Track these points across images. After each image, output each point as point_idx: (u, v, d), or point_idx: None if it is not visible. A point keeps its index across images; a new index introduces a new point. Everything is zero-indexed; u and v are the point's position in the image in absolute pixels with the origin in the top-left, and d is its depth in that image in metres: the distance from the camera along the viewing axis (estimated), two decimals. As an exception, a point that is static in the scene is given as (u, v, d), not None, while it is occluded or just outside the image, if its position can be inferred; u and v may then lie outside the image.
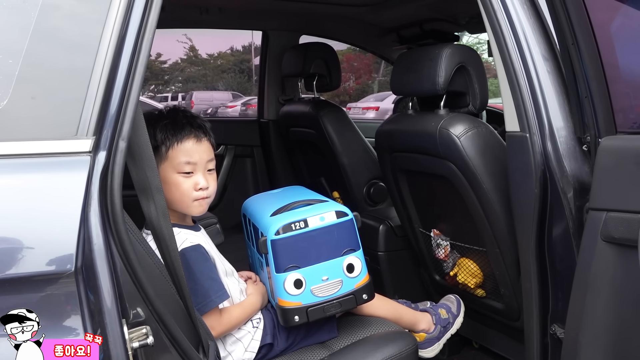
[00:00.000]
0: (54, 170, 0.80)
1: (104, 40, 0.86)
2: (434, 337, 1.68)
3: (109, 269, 0.80)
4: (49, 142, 0.80)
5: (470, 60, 1.67)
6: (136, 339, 0.84)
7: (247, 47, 17.20)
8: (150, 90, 16.66)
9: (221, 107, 13.22)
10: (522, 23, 1.33)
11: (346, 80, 14.36)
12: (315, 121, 2.33)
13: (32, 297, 0.76)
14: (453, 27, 2.56)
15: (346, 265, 1.36)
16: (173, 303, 1.05)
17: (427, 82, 1.64)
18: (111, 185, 0.84)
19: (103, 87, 0.85)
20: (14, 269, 0.74)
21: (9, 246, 0.76)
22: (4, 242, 0.76)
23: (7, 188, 0.78)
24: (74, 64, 0.85)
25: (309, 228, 1.33)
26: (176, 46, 15.90)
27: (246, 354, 1.40)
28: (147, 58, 0.91)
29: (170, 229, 1.00)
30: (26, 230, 0.76)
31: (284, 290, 1.32)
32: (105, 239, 0.80)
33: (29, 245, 0.76)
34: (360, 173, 2.36)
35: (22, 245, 0.76)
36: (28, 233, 0.76)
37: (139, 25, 0.90)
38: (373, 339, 1.45)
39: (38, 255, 0.75)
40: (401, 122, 1.93)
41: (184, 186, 1.32)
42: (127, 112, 0.87)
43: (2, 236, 0.76)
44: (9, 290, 0.75)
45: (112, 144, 0.85)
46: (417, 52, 1.78)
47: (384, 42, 2.84)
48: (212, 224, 1.79)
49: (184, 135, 1.32)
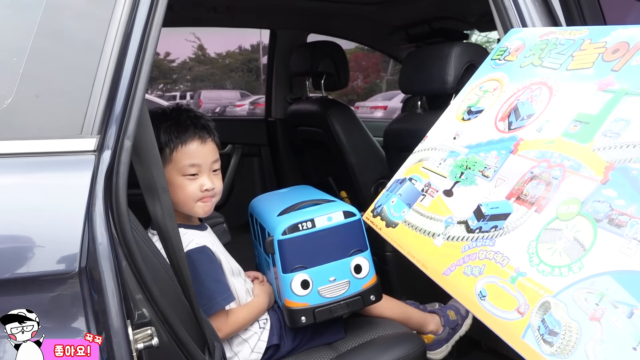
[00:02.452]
0: (58, 170, 0.79)
1: (109, 38, 0.85)
2: (443, 339, 1.67)
3: (114, 269, 0.79)
4: (53, 141, 0.79)
5: (480, 59, 1.63)
6: (141, 340, 0.83)
7: (256, 46, 17.20)
8: (159, 89, 16.71)
9: (229, 106, 13.23)
10: (533, 21, 1.30)
11: (354, 79, 14.33)
12: (323, 120, 2.31)
13: (35, 298, 0.75)
14: (462, 25, 2.54)
15: (354, 266, 1.35)
16: (179, 304, 1.04)
17: (436, 81, 1.62)
18: (116, 185, 0.83)
19: (108, 85, 0.84)
20: (17, 269, 0.74)
21: (13, 246, 0.75)
22: (7, 241, 0.75)
23: (11, 187, 0.77)
24: (79, 62, 0.84)
25: (316, 228, 1.32)
26: (185, 45, 15.93)
27: (252, 354, 1.39)
28: (153, 56, 0.90)
29: (175, 228, 0.99)
30: (30, 230, 0.76)
31: (290, 291, 1.31)
32: (109, 239, 0.79)
33: (33, 245, 0.75)
34: (368, 172, 2.34)
35: (25, 245, 0.75)
36: (31, 233, 0.76)
37: (144, 23, 0.89)
38: (380, 341, 1.44)
39: (41, 255, 0.75)
40: (410, 121, 1.91)
41: (189, 189, 1.31)
42: (132, 111, 0.86)
43: (6, 236, 0.75)
44: (12, 291, 0.74)
45: (117, 143, 0.84)
46: (426, 51, 1.76)
47: (392, 40, 2.81)
48: (218, 224, 1.78)
49: (187, 137, 1.30)
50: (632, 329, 0.53)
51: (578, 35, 0.86)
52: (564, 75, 0.83)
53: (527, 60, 0.93)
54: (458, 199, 0.87)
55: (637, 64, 0.72)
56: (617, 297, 0.56)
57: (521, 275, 0.68)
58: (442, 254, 0.84)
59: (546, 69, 0.87)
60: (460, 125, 0.98)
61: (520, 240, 0.71)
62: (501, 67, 0.99)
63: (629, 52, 0.74)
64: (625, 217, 0.60)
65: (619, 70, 0.74)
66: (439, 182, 0.93)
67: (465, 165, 0.89)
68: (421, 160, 1.03)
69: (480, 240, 0.78)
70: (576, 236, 0.64)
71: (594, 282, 0.59)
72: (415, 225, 0.93)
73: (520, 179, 0.77)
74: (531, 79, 0.89)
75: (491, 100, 0.95)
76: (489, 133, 0.90)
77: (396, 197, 1.01)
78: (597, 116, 0.72)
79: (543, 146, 0.77)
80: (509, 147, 0.83)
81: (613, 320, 0.55)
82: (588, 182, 0.66)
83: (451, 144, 0.97)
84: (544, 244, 0.68)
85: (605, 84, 0.75)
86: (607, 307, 0.56)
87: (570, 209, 0.67)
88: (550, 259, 0.66)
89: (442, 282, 0.83)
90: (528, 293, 0.66)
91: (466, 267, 0.78)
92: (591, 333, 0.56)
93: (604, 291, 0.57)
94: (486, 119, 0.93)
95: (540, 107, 0.83)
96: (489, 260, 0.74)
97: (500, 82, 0.97)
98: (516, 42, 1.00)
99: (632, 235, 0.58)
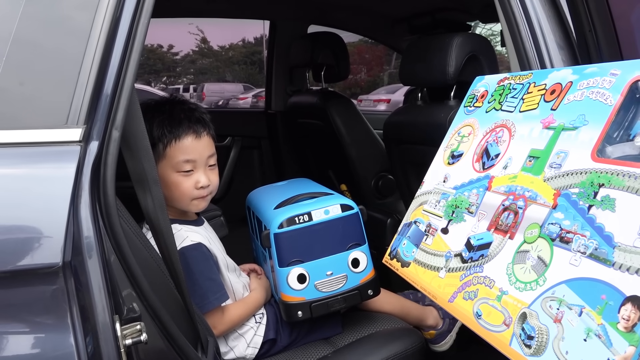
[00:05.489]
0: (41, 161, 0.77)
1: (96, 23, 0.82)
2: (445, 331, 1.65)
3: (100, 262, 0.77)
4: (37, 131, 0.77)
5: (482, 50, 1.62)
6: (129, 336, 0.80)
7: (259, 39, 17.15)
8: (162, 82, 16.69)
9: (232, 99, 13.20)
10: (536, 10, 1.27)
11: (358, 72, 14.27)
12: (323, 112, 2.29)
13: (18, 292, 0.73)
14: (465, 16, 2.50)
15: (351, 260, 1.33)
16: (171, 298, 1.02)
17: (436, 72, 1.59)
18: (104, 177, 0.81)
19: (95, 73, 0.81)
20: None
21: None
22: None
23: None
24: (65, 48, 0.81)
25: (313, 221, 1.30)
26: (188, 38, 15.89)
27: (248, 349, 1.37)
28: (143, 44, 0.87)
29: (167, 221, 0.96)
30: (11, 223, 0.73)
31: (287, 285, 1.29)
32: (96, 232, 0.77)
33: (14, 238, 0.73)
34: (368, 165, 2.31)
35: (6, 238, 0.73)
36: (13, 226, 0.73)
37: (134, 8, 0.86)
38: (378, 336, 1.42)
39: (24, 248, 0.72)
40: (410, 113, 1.88)
41: (184, 185, 1.27)
42: (121, 101, 0.84)
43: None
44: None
45: (105, 134, 0.81)
46: (427, 41, 1.73)
47: (395, 32, 2.78)
48: (216, 217, 1.76)
49: (181, 131, 1.26)
50: (582, 324, 0.66)
51: (525, 80, 1.01)
52: (517, 117, 0.97)
53: (490, 106, 1.08)
54: (453, 235, 1.00)
55: (569, 102, 0.85)
56: (571, 301, 0.68)
57: (504, 294, 0.81)
58: (446, 284, 0.96)
59: (505, 112, 1.02)
60: (447, 169, 1.12)
61: (500, 264, 0.84)
62: (472, 113, 1.14)
63: (562, 92, 0.88)
64: (570, 235, 0.73)
65: (557, 109, 0.87)
66: (437, 222, 1.07)
67: (455, 205, 1.03)
68: (421, 204, 1.16)
69: (472, 269, 0.90)
70: (539, 255, 0.77)
71: (554, 291, 0.72)
72: (423, 262, 1.06)
73: (495, 212, 0.90)
74: (495, 122, 1.04)
75: (467, 144, 1.10)
76: (468, 174, 1.04)
77: (406, 239, 1.16)
78: (544, 151, 0.86)
79: (508, 181, 0.91)
80: (485, 185, 0.97)
81: (569, 320, 0.68)
82: (543, 209, 0.80)
83: (442, 187, 1.11)
84: (517, 264, 0.81)
85: (547, 122, 0.88)
86: (565, 310, 0.69)
87: (533, 232, 0.80)
88: (523, 276, 0.79)
89: (449, 309, 0.93)
90: (510, 307, 0.79)
91: (464, 293, 0.90)
92: (555, 333, 0.69)
93: (561, 297, 0.70)
94: (466, 161, 1.07)
95: (504, 147, 0.97)
96: (480, 284, 0.87)
97: (472, 127, 1.11)
98: (481, 89, 1.15)
99: (577, 249, 0.71)
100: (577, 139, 0.80)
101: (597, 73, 0.83)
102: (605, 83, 0.80)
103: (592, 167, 0.74)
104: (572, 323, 0.67)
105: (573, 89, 0.86)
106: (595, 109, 0.79)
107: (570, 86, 0.87)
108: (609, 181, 0.70)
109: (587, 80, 0.84)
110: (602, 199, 0.70)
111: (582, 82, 0.85)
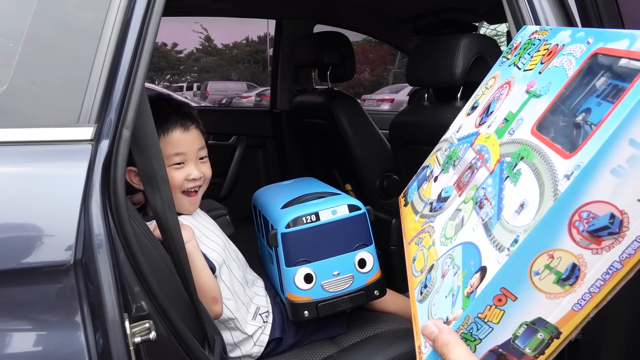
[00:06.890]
0: (53, 159, 0.77)
1: (107, 24, 0.83)
2: None
3: (111, 261, 0.77)
4: (49, 130, 0.77)
5: (489, 51, 1.62)
6: (138, 334, 0.81)
7: (263, 38, 17.16)
8: (166, 80, 16.71)
9: (236, 97, 13.22)
10: (545, 12, 1.27)
11: (361, 71, 14.26)
12: (328, 112, 2.29)
13: (29, 290, 0.73)
14: (471, 17, 2.50)
15: (358, 260, 1.33)
16: (178, 296, 1.03)
17: (443, 73, 1.59)
18: (114, 175, 0.81)
19: (106, 73, 0.81)
20: (9, 261, 0.72)
21: (5, 237, 0.73)
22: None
23: (4, 176, 0.75)
24: (77, 48, 0.82)
25: (320, 222, 1.30)
26: (192, 36, 15.92)
27: (255, 347, 1.37)
28: (153, 44, 0.88)
29: (175, 220, 0.97)
30: (23, 221, 0.74)
31: (293, 285, 1.29)
32: (106, 231, 0.77)
33: (26, 236, 0.73)
34: (373, 165, 2.32)
35: (18, 236, 0.73)
36: (25, 224, 0.74)
37: (145, 9, 0.86)
38: (384, 336, 1.42)
39: (35, 246, 0.73)
40: (416, 113, 1.88)
41: (175, 178, 1.29)
42: (131, 100, 0.84)
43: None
44: (5, 283, 0.73)
45: (116, 133, 0.82)
46: (434, 42, 1.73)
47: (400, 32, 2.78)
48: (221, 215, 1.77)
49: (169, 125, 1.29)
50: (451, 283, 0.69)
51: (543, 36, 0.93)
52: (519, 76, 0.92)
53: (513, 60, 1.01)
54: (437, 184, 1.01)
55: (553, 67, 0.79)
56: (457, 262, 0.72)
57: (433, 245, 0.84)
58: (413, 228, 1.00)
59: (516, 68, 0.96)
60: (465, 119, 1.09)
61: (444, 218, 0.86)
62: (502, 65, 1.07)
63: (554, 54, 0.81)
64: (485, 201, 0.74)
65: (543, 72, 0.82)
66: (436, 170, 1.07)
67: (450, 156, 1.02)
68: (438, 150, 1.15)
69: (431, 218, 0.93)
70: (464, 215, 0.79)
71: (454, 250, 0.75)
72: (413, 204, 1.08)
73: (464, 169, 0.90)
74: (507, 77, 0.98)
75: (485, 97, 1.05)
76: (470, 127, 1.01)
77: (417, 181, 1.17)
78: (513, 115, 0.82)
79: (483, 140, 0.89)
80: (471, 141, 0.95)
81: (448, 278, 0.72)
82: (486, 172, 0.79)
83: (454, 136, 1.09)
84: (451, 221, 0.83)
85: (530, 85, 0.84)
86: (450, 269, 0.72)
87: (471, 193, 0.81)
88: (448, 232, 0.81)
89: (406, 249, 0.97)
90: (430, 258, 0.82)
91: (417, 238, 0.93)
92: (437, 286, 0.74)
93: (454, 257, 0.73)
94: (475, 114, 1.03)
95: (498, 106, 0.93)
96: (426, 233, 0.90)
97: (495, 79, 1.06)
98: (518, 40, 1.07)
99: (481, 215, 0.72)
100: (534, 108, 0.77)
101: (581, 39, 0.76)
102: (578, 51, 0.74)
103: (526, 139, 0.72)
104: (447, 281, 0.71)
105: (560, 53, 0.80)
106: (558, 78, 0.75)
107: (560, 50, 0.80)
108: (527, 155, 0.69)
109: (571, 46, 0.78)
110: (515, 172, 0.70)
111: (569, 47, 0.78)
